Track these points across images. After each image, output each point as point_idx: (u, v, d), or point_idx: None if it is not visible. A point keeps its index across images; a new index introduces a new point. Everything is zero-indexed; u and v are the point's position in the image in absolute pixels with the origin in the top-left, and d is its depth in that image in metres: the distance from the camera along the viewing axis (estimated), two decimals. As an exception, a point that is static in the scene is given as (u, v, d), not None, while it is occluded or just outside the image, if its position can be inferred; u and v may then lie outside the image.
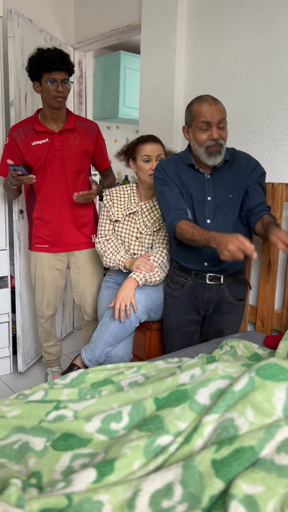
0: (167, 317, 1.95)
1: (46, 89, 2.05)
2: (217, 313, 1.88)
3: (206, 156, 1.70)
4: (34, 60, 2.02)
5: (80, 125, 2.23)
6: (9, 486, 0.85)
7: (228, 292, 1.84)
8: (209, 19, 2.20)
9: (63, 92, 2.05)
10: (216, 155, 1.70)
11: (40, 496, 0.86)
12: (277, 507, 0.83)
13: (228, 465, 0.91)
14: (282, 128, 1.94)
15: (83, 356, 1.92)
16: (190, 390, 1.14)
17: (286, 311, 1.92)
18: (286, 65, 1.90)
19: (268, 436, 0.95)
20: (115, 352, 1.91)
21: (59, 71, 2.02)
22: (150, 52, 2.46)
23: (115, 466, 0.94)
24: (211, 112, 1.66)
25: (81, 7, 3.09)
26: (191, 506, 0.86)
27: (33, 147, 2.14)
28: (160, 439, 1.02)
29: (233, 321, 1.92)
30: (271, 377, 1.08)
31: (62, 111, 2.16)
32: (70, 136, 2.18)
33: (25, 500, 0.82)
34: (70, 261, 2.35)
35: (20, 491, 0.85)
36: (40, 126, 2.14)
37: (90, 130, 2.25)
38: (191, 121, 1.72)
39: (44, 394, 1.26)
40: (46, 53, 1.99)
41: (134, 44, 3.64)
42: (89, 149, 2.25)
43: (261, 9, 1.96)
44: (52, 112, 2.12)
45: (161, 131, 2.45)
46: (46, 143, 2.14)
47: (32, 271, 2.36)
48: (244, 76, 2.07)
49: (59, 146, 2.16)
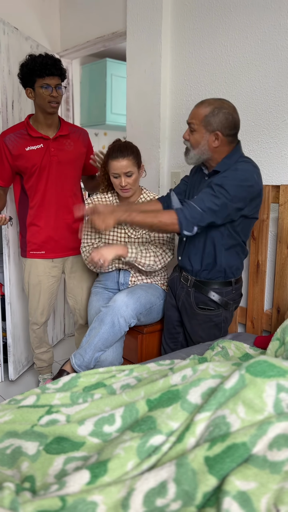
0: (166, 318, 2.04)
1: (40, 95, 2.05)
2: (184, 315, 1.91)
3: None
4: (26, 66, 2.03)
5: (73, 131, 2.25)
6: (2, 489, 0.85)
7: (194, 296, 1.84)
8: (194, 25, 2.23)
9: (57, 97, 2.07)
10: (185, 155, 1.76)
11: (34, 499, 0.86)
12: (270, 503, 0.83)
13: (221, 461, 0.91)
14: (267, 131, 1.98)
15: (73, 362, 1.91)
16: (182, 390, 1.14)
17: (275, 312, 1.93)
18: (270, 70, 1.93)
19: (260, 432, 0.96)
20: (104, 356, 1.91)
21: (52, 76, 2.03)
22: (136, 58, 2.49)
23: (108, 467, 0.94)
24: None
25: (66, 15, 3.12)
26: (185, 504, 0.86)
27: (27, 153, 2.14)
28: (153, 439, 1.02)
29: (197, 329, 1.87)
30: (261, 374, 1.09)
31: (55, 117, 2.18)
32: (65, 142, 2.20)
33: (19, 503, 0.82)
34: (65, 266, 2.35)
35: (13, 494, 0.84)
36: (34, 131, 2.14)
37: (82, 136, 2.29)
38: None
39: (36, 399, 1.26)
40: (39, 59, 2.00)
41: (120, 51, 3.68)
42: (82, 154, 2.28)
43: (244, 15, 2.00)
44: (46, 117, 2.13)
45: (148, 136, 2.47)
46: (41, 149, 2.15)
47: (25, 278, 2.34)
48: (229, 81, 2.11)
49: (54, 151, 2.17)
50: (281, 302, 1.91)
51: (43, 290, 2.32)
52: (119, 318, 1.86)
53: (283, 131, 1.91)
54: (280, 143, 1.93)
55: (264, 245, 1.95)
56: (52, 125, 2.17)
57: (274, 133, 1.95)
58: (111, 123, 3.84)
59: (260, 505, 0.83)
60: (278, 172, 1.96)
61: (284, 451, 0.92)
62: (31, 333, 2.43)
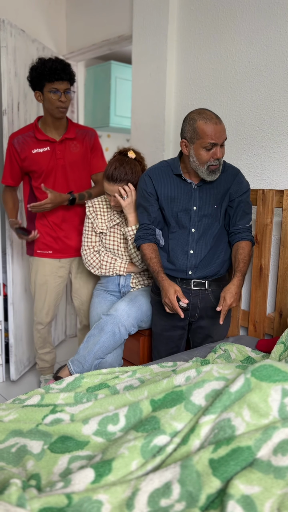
0: (153, 322, 1.97)
1: (49, 99, 2.07)
2: (205, 318, 1.89)
3: (207, 174, 1.72)
4: (36, 70, 2.03)
5: (80, 133, 2.26)
6: (9, 486, 0.85)
7: (213, 297, 1.86)
8: (199, 30, 2.25)
9: (65, 102, 2.08)
10: (216, 172, 1.73)
11: (40, 495, 0.87)
12: (274, 508, 0.84)
13: (226, 464, 0.92)
14: (271, 136, 1.99)
15: (71, 369, 1.89)
16: (186, 391, 1.15)
17: (278, 316, 1.94)
18: (275, 75, 1.95)
19: (265, 437, 0.97)
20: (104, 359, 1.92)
21: (61, 81, 2.04)
22: (142, 62, 2.50)
23: (112, 466, 0.95)
24: (218, 133, 1.66)
25: (72, 18, 3.14)
26: (189, 505, 0.87)
27: (34, 155, 2.16)
28: (156, 439, 1.03)
29: (220, 326, 1.93)
30: (267, 378, 1.10)
31: (63, 120, 2.19)
32: (71, 144, 2.21)
33: (26, 499, 0.83)
34: (72, 267, 2.37)
35: (20, 490, 0.85)
36: (41, 134, 2.16)
37: (88, 136, 2.29)
38: (194, 138, 1.68)
39: (40, 399, 1.26)
40: (49, 63, 2.00)
41: (124, 54, 3.69)
42: (87, 154, 2.28)
43: (250, 21, 2.02)
44: (54, 121, 2.15)
45: (152, 139, 2.49)
46: (48, 152, 2.17)
47: (32, 278, 2.35)
48: (234, 86, 2.12)
49: (60, 154, 2.18)
50: (284, 306, 1.91)
51: (49, 290, 2.33)
52: (120, 327, 1.87)
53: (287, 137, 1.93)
54: (285, 148, 1.94)
55: (267, 249, 1.96)
56: (59, 127, 2.19)
57: (279, 138, 1.96)
58: (115, 125, 3.86)
59: (263, 509, 0.83)
60: (282, 176, 1.97)
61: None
62: (35, 333, 2.44)
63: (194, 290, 1.84)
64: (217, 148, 1.68)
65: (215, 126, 1.65)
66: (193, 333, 1.95)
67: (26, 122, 2.61)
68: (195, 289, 1.84)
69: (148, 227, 1.87)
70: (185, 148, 1.74)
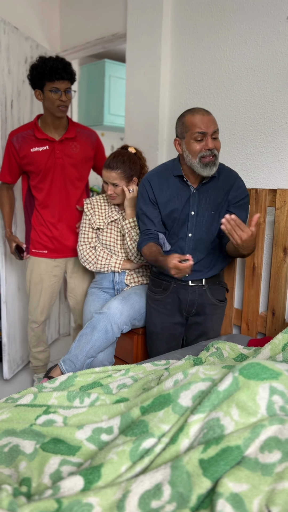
0: (150, 321, 1.96)
1: (49, 98, 2.06)
2: (202, 315, 1.91)
3: (201, 167, 1.69)
4: (37, 69, 2.03)
5: (80, 133, 2.25)
6: (0, 491, 0.85)
7: (210, 293, 1.88)
8: (194, 29, 2.24)
9: (66, 102, 2.07)
10: (211, 166, 1.70)
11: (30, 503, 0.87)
12: (262, 504, 0.85)
13: (215, 464, 0.92)
14: (264, 136, 1.99)
15: (63, 368, 1.89)
16: (173, 394, 1.16)
17: (270, 314, 1.95)
18: (268, 75, 1.95)
19: (253, 435, 0.97)
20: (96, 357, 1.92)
21: (62, 80, 2.03)
22: (136, 60, 2.50)
23: (102, 472, 0.95)
24: (206, 122, 1.66)
25: (66, 16, 3.12)
26: (179, 505, 0.88)
27: (32, 154, 2.15)
28: (145, 443, 1.03)
29: (215, 322, 1.95)
30: (254, 377, 1.11)
31: (63, 119, 2.18)
32: (70, 145, 2.21)
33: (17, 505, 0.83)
34: (67, 266, 2.37)
35: (11, 496, 0.85)
36: (40, 133, 2.15)
37: (90, 138, 2.29)
38: (184, 132, 1.70)
39: (33, 398, 1.26)
40: (50, 62, 1.99)
41: (118, 52, 3.69)
42: (89, 156, 2.28)
43: (244, 21, 2.02)
44: (54, 120, 2.14)
45: (146, 138, 2.48)
46: (46, 151, 2.16)
47: (27, 276, 2.35)
48: (228, 85, 2.12)
49: (59, 154, 2.18)
50: (276, 304, 1.92)
51: (44, 289, 2.33)
52: (112, 325, 1.87)
53: (281, 136, 1.93)
54: (278, 147, 1.95)
55: (260, 248, 1.97)
56: (59, 127, 2.18)
57: (272, 138, 1.97)
58: (109, 124, 3.85)
59: (252, 506, 0.84)
60: (274, 176, 1.98)
61: (275, 454, 0.93)
62: (30, 332, 2.44)
63: (191, 286, 1.86)
64: (208, 138, 1.67)
65: (202, 117, 1.66)
66: (188, 329, 1.96)
67: (19, 119, 2.60)
68: (192, 286, 1.86)
69: (149, 232, 1.85)
70: (178, 146, 1.75)
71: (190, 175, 1.79)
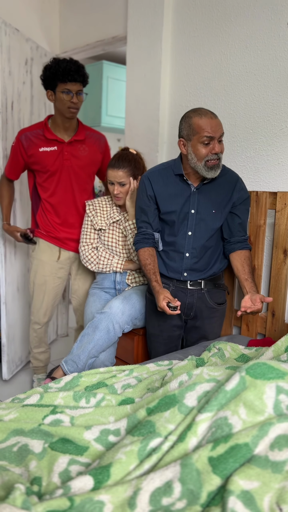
0: (150, 323, 1.98)
1: (61, 100, 2.08)
2: (200, 318, 1.92)
3: (206, 170, 1.71)
4: (50, 70, 2.04)
5: (89, 136, 2.27)
6: (14, 490, 0.86)
7: (209, 296, 1.89)
8: (194, 33, 2.27)
9: (77, 104, 2.09)
10: (216, 168, 1.72)
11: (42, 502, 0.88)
12: (273, 501, 0.86)
13: (225, 462, 0.94)
14: (264, 139, 2.02)
15: (65, 369, 1.90)
16: (178, 395, 1.17)
17: (270, 315, 1.98)
18: (268, 79, 1.98)
19: (261, 433, 0.99)
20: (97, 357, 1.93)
21: (74, 82, 2.05)
22: (136, 63, 2.52)
23: (111, 472, 0.96)
24: (214, 127, 1.66)
25: (66, 17, 3.13)
26: (190, 502, 0.89)
27: (41, 153, 2.16)
28: (152, 442, 1.05)
29: (215, 325, 1.96)
30: (261, 376, 1.12)
31: (74, 121, 2.20)
32: (79, 147, 2.22)
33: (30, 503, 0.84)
34: (72, 268, 2.38)
35: (24, 495, 0.86)
36: (50, 134, 2.16)
37: (98, 141, 2.30)
38: (191, 134, 1.69)
39: (39, 398, 1.27)
40: (63, 64, 2.01)
41: (116, 54, 3.70)
42: (97, 160, 2.29)
43: (244, 26, 2.04)
44: (64, 121, 2.16)
45: (146, 140, 2.50)
46: (55, 151, 2.17)
47: (31, 278, 2.36)
48: (228, 89, 2.15)
49: (68, 155, 2.19)
50: (276, 306, 1.95)
51: (48, 290, 2.33)
52: (114, 325, 1.88)
53: (281, 139, 1.96)
54: (278, 150, 1.98)
55: (260, 250, 2.00)
56: (69, 128, 2.19)
57: (272, 141, 1.99)
58: (106, 125, 3.86)
59: (263, 503, 0.86)
60: (275, 179, 2.00)
61: (285, 451, 0.95)
62: (31, 332, 2.44)
63: (190, 289, 1.87)
64: (215, 142, 1.68)
65: (211, 120, 1.66)
66: (188, 332, 1.97)
67: (19, 121, 2.61)
68: (191, 289, 1.87)
69: (146, 232, 1.87)
70: (183, 147, 1.75)
71: (191, 175, 1.80)
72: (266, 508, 0.85)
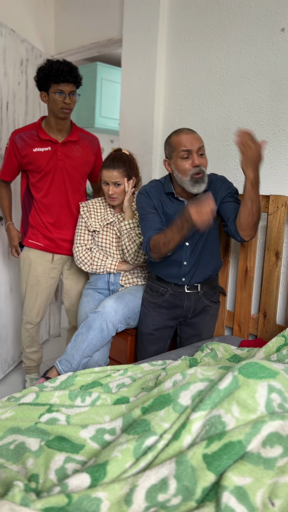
0: (143, 322, 2.00)
1: (54, 100, 2.09)
2: (195, 316, 1.96)
3: (191, 185, 1.74)
4: (43, 71, 2.06)
5: (83, 137, 2.29)
6: (13, 487, 0.88)
7: (205, 298, 1.94)
8: (189, 37, 2.30)
9: (70, 104, 2.11)
10: (200, 183, 1.74)
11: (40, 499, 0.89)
12: (265, 497, 0.89)
13: (219, 458, 0.96)
14: (258, 143, 2.05)
15: (60, 369, 1.90)
16: (173, 394, 1.19)
17: (262, 316, 2.01)
18: (262, 84, 2.01)
19: (254, 431, 1.02)
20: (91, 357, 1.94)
21: (67, 83, 2.07)
22: (131, 65, 2.54)
23: (107, 470, 0.98)
24: (190, 140, 1.72)
25: (62, 19, 3.14)
26: (185, 498, 0.91)
27: (34, 154, 2.17)
28: (148, 441, 1.07)
29: (208, 323, 2.00)
30: (253, 375, 1.15)
31: (67, 122, 2.21)
32: (73, 147, 2.24)
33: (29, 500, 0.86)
34: (64, 267, 2.38)
35: (23, 492, 0.88)
36: (44, 134, 2.17)
37: (92, 143, 2.32)
38: (171, 152, 1.76)
39: (35, 397, 1.29)
40: (56, 65, 2.03)
41: (111, 56, 3.72)
42: (90, 161, 2.31)
43: (239, 31, 2.08)
44: (57, 122, 2.17)
45: (141, 142, 2.52)
46: (48, 152, 2.18)
47: (23, 278, 2.36)
48: (222, 93, 2.18)
49: (61, 156, 2.20)
50: (268, 307, 1.98)
51: (40, 291, 2.34)
52: (107, 324, 1.89)
53: (273, 143, 1.99)
54: (271, 155, 2.01)
55: (252, 252, 2.03)
56: (62, 129, 2.21)
57: (265, 146, 2.02)
58: (100, 126, 3.88)
59: (256, 499, 0.88)
60: (267, 182, 2.04)
61: (277, 448, 0.98)
62: (24, 332, 2.44)
63: (187, 293, 1.91)
64: (193, 155, 1.72)
65: (186, 136, 1.73)
66: (183, 331, 2.01)
67: (14, 121, 2.61)
68: (188, 292, 1.90)
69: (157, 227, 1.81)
70: (168, 166, 1.81)
71: (182, 193, 1.84)
72: (259, 503, 0.87)
